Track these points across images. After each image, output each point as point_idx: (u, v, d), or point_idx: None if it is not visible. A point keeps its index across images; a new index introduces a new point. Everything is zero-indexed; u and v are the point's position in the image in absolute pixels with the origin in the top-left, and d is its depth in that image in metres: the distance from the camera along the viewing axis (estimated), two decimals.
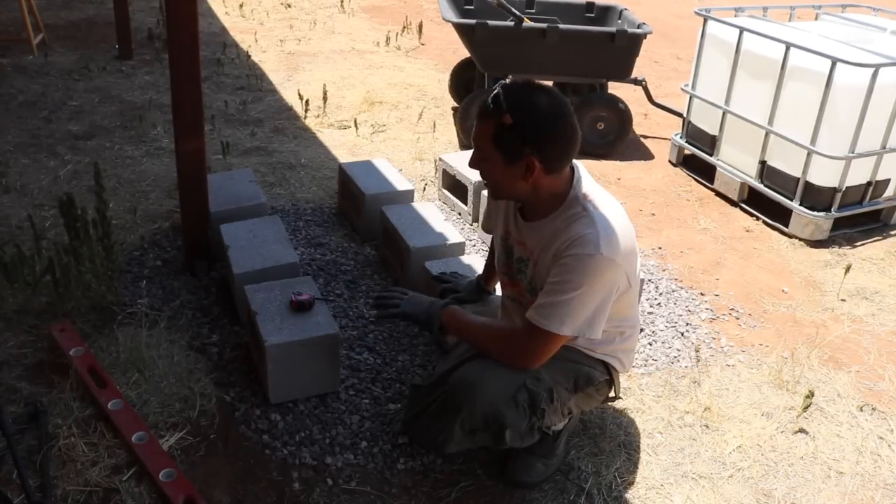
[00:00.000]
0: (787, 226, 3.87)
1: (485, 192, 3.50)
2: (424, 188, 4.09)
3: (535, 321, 1.93)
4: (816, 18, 4.62)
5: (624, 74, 4.74)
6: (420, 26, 7.18)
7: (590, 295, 1.89)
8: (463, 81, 5.17)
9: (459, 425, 2.01)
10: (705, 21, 4.31)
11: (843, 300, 3.35)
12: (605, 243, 1.87)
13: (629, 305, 2.12)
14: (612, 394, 2.26)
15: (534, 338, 1.95)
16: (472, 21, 4.44)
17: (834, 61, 3.52)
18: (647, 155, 4.88)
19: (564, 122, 1.88)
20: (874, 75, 3.49)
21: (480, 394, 1.95)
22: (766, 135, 3.95)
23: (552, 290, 1.91)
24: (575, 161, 2.02)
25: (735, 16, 4.37)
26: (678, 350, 2.91)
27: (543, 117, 1.85)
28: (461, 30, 4.51)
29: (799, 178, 3.81)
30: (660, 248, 3.70)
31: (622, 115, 4.72)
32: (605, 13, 5.14)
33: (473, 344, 2.09)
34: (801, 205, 3.82)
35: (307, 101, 5.00)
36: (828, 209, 3.80)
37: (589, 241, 1.87)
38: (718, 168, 4.28)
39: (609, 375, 2.19)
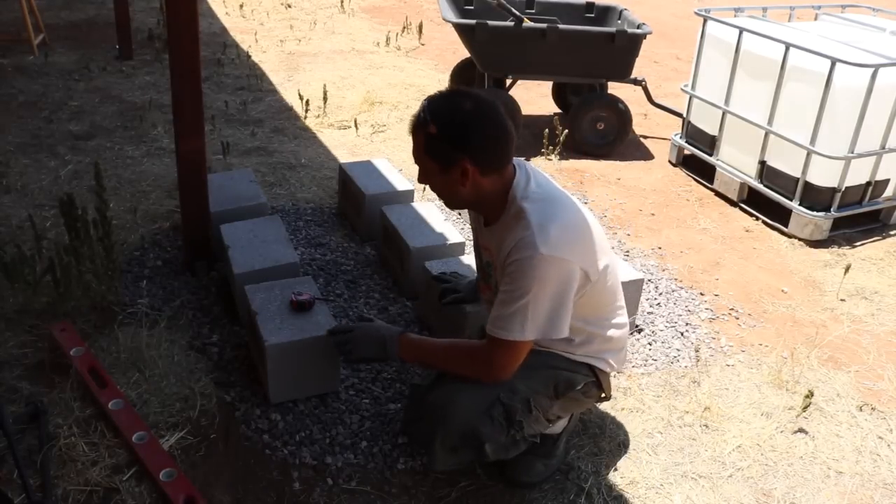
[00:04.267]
0: (786, 226, 3.87)
1: None
2: (424, 188, 4.08)
3: (495, 333, 1.93)
4: (816, 19, 4.63)
5: (624, 74, 4.75)
6: (420, 26, 7.18)
7: (541, 296, 1.87)
8: (463, 82, 5.17)
9: (440, 445, 2.01)
10: (705, 21, 4.31)
11: (842, 300, 3.35)
12: (542, 242, 1.84)
13: (602, 304, 2.08)
14: (602, 394, 2.24)
15: (497, 350, 1.95)
16: (472, 21, 4.45)
17: (833, 61, 3.52)
18: (646, 155, 4.88)
19: (489, 122, 1.89)
20: (873, 75, 3.50)
21: (454, 414, 1.97)
22: (766, 135, 3.95)
23: (503, 299, 1.91)
24: (519, 159, 2.04)
25: (735, 16, 4.37)
26: (678, 350, 2.91)
27: (466, 121, 1.88)
28: (461, 30, 4.52)
29: (798, 178, 3.81)
30: (659, 248, 3.70)
31: (622, 116, 4.72)
32: (605, 13, 5.14)
33: (440, 368, 2.10)
34: (800, 205, 3.82)
35: (307, 102, 5.01)
36: (827, 209, 3.80)
37: (526, 243, 1.86)
38: (718, 168, 4.28)
39: (595, 377, 2.15)
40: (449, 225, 3.24)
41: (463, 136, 1.88)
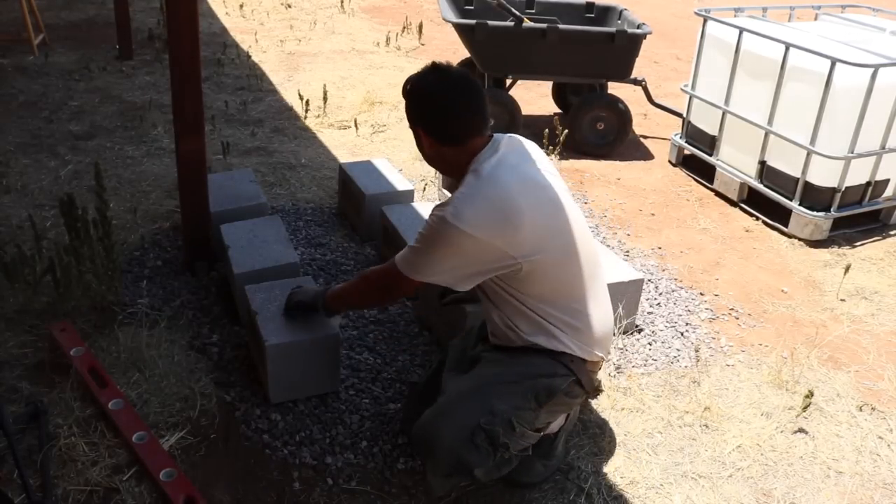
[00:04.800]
0: (786, 226, 3.87)
1: None
2: (424, 188, 4.09)
3: (396, 260, 2.04)
4: (816, 19, 4.63)
5: (624, 74, 4.75)
6: (420, 27, 7.18)
7: (439, 254, 1.93)
8: None
9: (432, 474, 2.02)
10: (705, 21, 4.31)
11: (842, 300, 3.35)
12: (454, 213, 1.88)
13: (560, 290, 2.03)
14: (586, 389, 2.14)
15: (390, 275, 2.07)
16: (472, 21, 4.45)
17: (833, 61, 3.52)
18: (646, 155, 4.88)
19: (444, 97, 1.99)
20: (873, 75, 3.50)
21: (438, 447, 1.97)
22: (766, 135, 3.95)
23: (416, 237, 2.00)
24: (511, 135, 2.08)
25: (735, 16, 4.37)
26: (678, 350, 2.91)
27: (424, 94, 2.02)
28: (461, 30, 4.52)
29: (798, 178, 3.81)
30: (659, 248, 3.70)
31: (622, 116, 4.72)
32: (605, 13, 5.14)
33: (354, 303, 2.34)
34: (800, 205, 3.82)
35: (307, 102, 5.01)
36: (827, 209, 3.80)
37: (447, 204, 1.93)
38: (718, 168, 4.28)
39: (574, 375, 2.07)
40: None
41: (419, 110, 2.04)
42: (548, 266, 1.99)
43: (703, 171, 4.45)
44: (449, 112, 1.99)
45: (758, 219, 4.03)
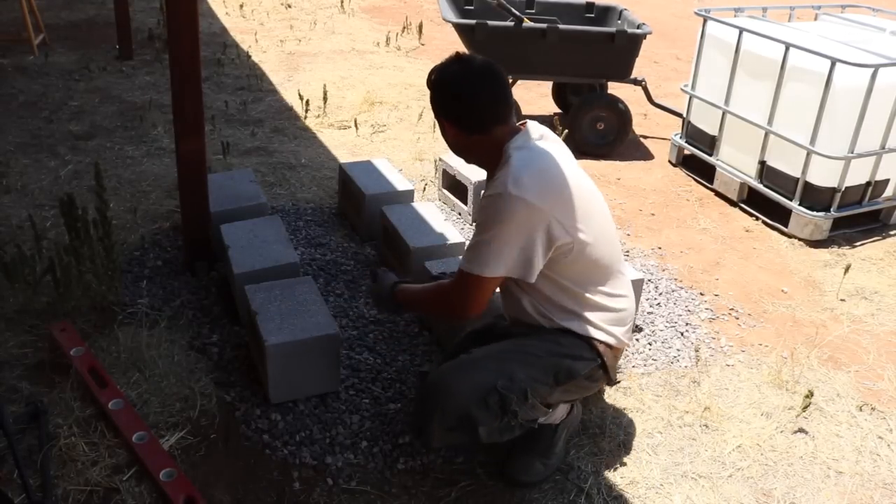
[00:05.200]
0: (786, 226, 3.87)
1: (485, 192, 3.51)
2: (424, 188, 4.09)
3: (463, 267, 1.99)
4: (816, 19, 4.63)
5: (624, 74, 4.75)
6: (420, 26, 7.18)
7: (505, 234, 1.92)
8: None
9: (437, 423, 2.04)
10: (705, 21, 4.31)
11: (842, 300, 3.35)
12: (513, 183, 1.90)
13: (597, 271, 2.07)
14: (610, 376, 2.18)
15: (463, 285, 2.01)
16: (472, 21, 4.45)
17: (833, 61, 3.52)
18: (646, 155, 4.88)
19: (467, 86, 2.01)
20: (873, 76, 3.49)
21: (451, 398, 2.00)
22: (766, 135, 3.95)
23: (473, 235, 2.00)
24: (533, 122, 2.11)
25: (734, 16, 4.37)
26: (678, 350, 2.91)
27: (447, 84, 2.05)
28: (461, 30, 4.52)
29: (798, 178, 3.81)
30: (659, 248, 3.70)
31: (622, 116, 4.72)
32: (605, 13, 5.14)
33: (423, 310, 2.22)
34: (800, 205, 3.82)
35: (307, 102, 5.01)
36: (827, 209, 3.80)
37: (498, 182, 1.93)
38: (718, 168, 4.28)
39: (600, 359, 2.12)
40: (449, 225, 3.24)
41: (443, 100, 2.06)
42: (589, 247, 2.02)
43: (703, 171, 4.45)
44: (472, 101, 2.01)
45: (758, 219, 4.03)
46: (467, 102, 2.02)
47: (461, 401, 1.99)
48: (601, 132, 4.73)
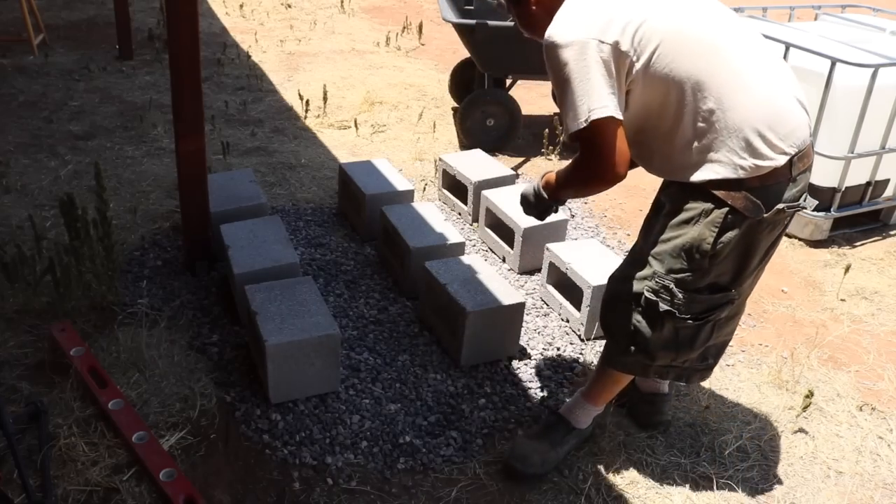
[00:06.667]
0: None
1: (484, 192, 3.51)
2: (424, 188, 4.09)
3: (571, 132, 1.92)
4: (816, 19, 4.63)
5: None
6: (420, 26, 7.18)
7: (576, 79, 1.85)
8: (463, 82, 5.17)
9: (616, 353, 2.15)
10: None
11: (842, 300, 3.35)
12: (556, 30, 1.87)
13: (682, 60, 1.84)
14: (756, 214, 1.88)
15: (585, 144, 1.94)
16: (472, 21, 4.44)
17: (833, 61, 3.52)
18: None
19: None
20: (873, 76, 3.49)
21: (611, 324, 2.15)
22: None
23: (558, 103, 1.97)
24: None
25: None
26: None
27: None
28: (461, 30, 4.52)
29: None
30: None
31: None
32: None
33: (571, 188, 2.18)
34: None
35: (307, 102, 5.01)
36: (827, 209, 3.80)
37: (546, 36, 1.90)
38: None
39: (726, 205, 1.87)
40: (449, 225, 3.24)
41: None
42: (669, 37, 1.84)
43: None
44: None
45: None
46: None
47: (618, 321, 2.09)
48: None
